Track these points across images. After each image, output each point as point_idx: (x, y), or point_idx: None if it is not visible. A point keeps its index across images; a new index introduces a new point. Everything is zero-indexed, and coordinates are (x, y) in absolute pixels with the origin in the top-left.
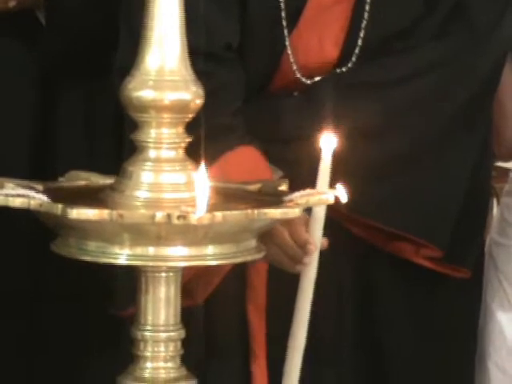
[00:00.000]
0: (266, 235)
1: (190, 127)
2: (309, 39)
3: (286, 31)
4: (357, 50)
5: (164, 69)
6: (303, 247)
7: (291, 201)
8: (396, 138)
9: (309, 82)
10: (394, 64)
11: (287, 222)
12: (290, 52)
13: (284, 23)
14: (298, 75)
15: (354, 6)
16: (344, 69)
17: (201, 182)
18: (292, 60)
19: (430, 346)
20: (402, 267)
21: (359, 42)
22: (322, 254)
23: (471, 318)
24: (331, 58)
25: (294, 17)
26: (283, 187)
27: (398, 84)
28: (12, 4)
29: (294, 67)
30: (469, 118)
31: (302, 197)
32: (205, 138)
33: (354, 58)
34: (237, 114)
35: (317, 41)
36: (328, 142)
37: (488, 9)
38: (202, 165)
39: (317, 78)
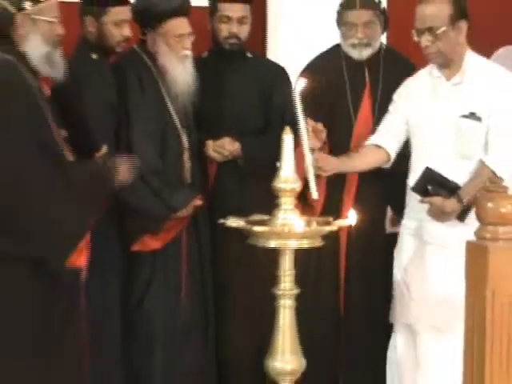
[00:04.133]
0: None
1: None
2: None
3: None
4: None
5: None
6: None
7: (334, 225)
8: None
9: None
10: None
11: None
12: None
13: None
14: None
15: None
16: None
17: (298, 218)
18: None
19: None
20: None
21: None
22: None
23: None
24: None
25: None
26: (331, 220)
27: None
28: None
29: None
30: None
31: (334, 223)
32: None
33: None
34: None
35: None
36: (300, 83)
37: None
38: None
39: None
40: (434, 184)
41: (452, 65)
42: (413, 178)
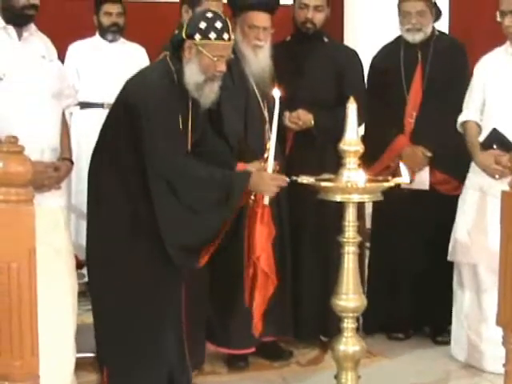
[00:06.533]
0: None
1: None
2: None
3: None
4: None
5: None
6: None
7: (391, 181)
8: None
9: None
10: None
11: None
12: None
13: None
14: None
15: None
16: None
17: (363, 177)
18: None
19: None
20: None
21: None
22: None
23: None
24: None
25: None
26: (390, 178)
27: None
28: None
29: None
30: None
31: (392, 180)
32: None
33: None
34: None
35: None
36: (276, 93)
37: None
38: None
39: None
40: (498, 143)
41: None
42: (482, 136)
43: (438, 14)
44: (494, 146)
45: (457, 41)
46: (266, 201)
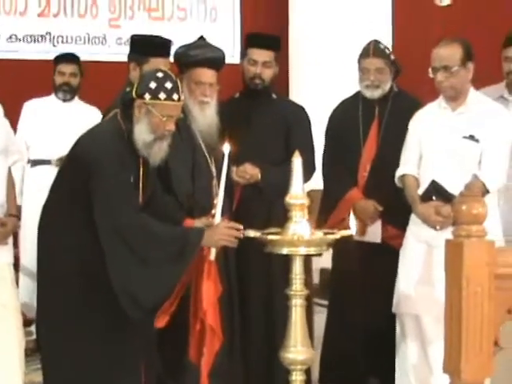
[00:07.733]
0: None
1: None
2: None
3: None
4: None
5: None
6: None
7: (335, 234)
8: None
9: None
10: None
11: None
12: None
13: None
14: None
15: None
16: None
17: (308, 231)
18: None
19: None
20: None
21: None
22: None
23: None
24: None
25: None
26: (336, 231)
27: None
28: None
29: None
30: None
31: (335, 233)
32: None
33: None
34: None
35: None
36: (226, 148)
37: None
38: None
39: None
40: (438, 195)
41: (458, 98)
42: (421, 189)
43: (397, 72)
44: (434, 198)
45: (415, 99)
46: (213, 256)
